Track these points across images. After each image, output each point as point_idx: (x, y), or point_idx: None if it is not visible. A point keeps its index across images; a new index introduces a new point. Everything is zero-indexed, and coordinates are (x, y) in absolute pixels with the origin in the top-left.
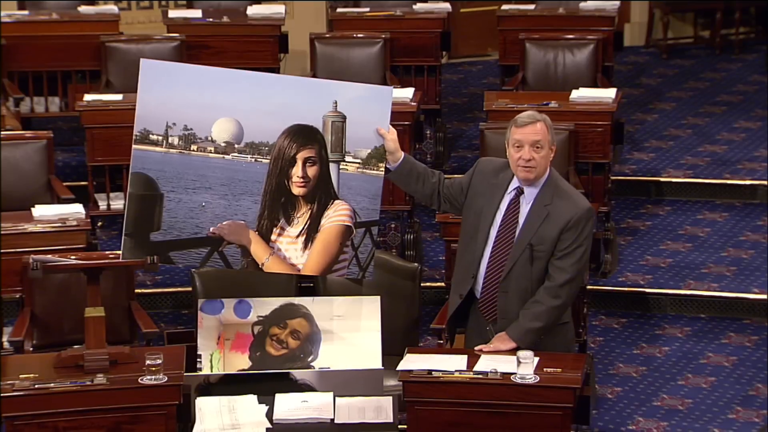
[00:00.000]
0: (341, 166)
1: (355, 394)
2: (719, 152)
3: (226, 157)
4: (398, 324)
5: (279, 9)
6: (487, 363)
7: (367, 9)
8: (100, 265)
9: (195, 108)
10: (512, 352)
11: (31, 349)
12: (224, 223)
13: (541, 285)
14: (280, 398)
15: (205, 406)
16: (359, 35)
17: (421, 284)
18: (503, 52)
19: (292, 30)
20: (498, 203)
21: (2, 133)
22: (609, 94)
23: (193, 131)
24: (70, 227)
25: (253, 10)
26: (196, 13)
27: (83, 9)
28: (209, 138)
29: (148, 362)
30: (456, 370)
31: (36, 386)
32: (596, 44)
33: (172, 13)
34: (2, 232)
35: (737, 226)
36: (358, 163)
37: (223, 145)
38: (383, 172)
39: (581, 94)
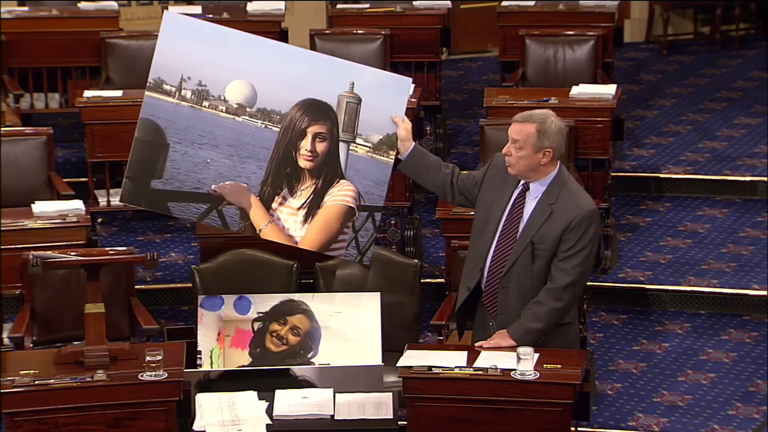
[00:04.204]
0: (351, 148)
1: (355, 391)
2: (719, 148)
3: (237, 118)
4: (398, 320)
5: (279, 5)
6: (487, 359)
7: (367, 5)
8: (100, 262)
9: (212, 66)
10: (512, 348)
11: (31, 345)
12: (227, 182)
13: (541, 283)
14: (280, 394)
15: (205, 402)
16: (359, 31)
17: (421, 281)
18: (503, 49)
19: (292, 26)
20: (508, 198)
21: (2, 129)
22: (609, 90)
23: (207, 88)
24: (70, 223)
25: (252, 6)
26: (196, 10)
27: (83, 5)
28: (222, 97)
29: (148, 358)
30: (456, 367)
31: (36, 382)
32: (596, 40)
33: (172, 10)
34: (2, 229)
35: (737, 223)
36: (369, 147)
37: (235, 106)
38: (393, 161)
39: (581, 90)
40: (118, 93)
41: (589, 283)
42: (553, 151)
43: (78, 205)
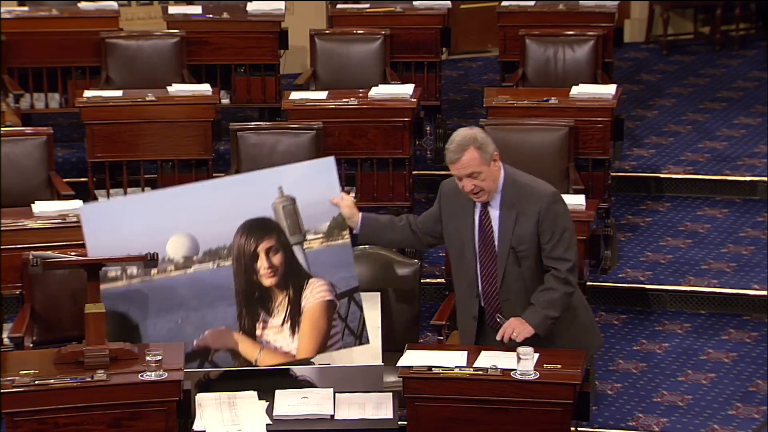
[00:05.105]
0: (305, 246)
1: (355, 390)
2: (719, 148)
3: (188, 270)
4: (398, 320)
5: (279, 5)
6: (487, 359)
7: (367, 5)
8: (100, 262)
9: (143, 236)
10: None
11: (31, 345)
12: (206, 332)
13: (535, 278)
14: (280, 394)
15: (206, 402)
16: (359, 31)
17: (421, 281)
18: (503, 49)
19: (292, 26)
20: (472, 218)
21: (2, 129)
22: (609, 90)
23: None
24: (70, 223)
25: (253, 6)
26: (196, 9)
27: (83, 5)
28: (166, 258)
29: (148, 358)
30: (456, 367)
31: (36, 382)
32: (596, 40)
33: (172, 9)
34: (2, 229)
35: (737, 223)
36: (321, 237)
37: (182, 261)
38: (349, 239)
39: (581, 90)
40: (118, 93)
41: (589, 283)
42: (497, 153)
43: (78, 205)
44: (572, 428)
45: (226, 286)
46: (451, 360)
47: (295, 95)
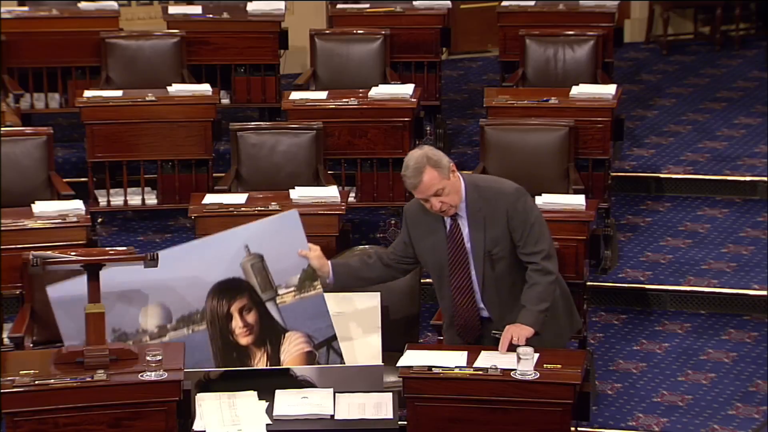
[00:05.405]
0: (278, 301)
1: (355, 391)
2: (719, 148)
3: (164, 339)
4: (398, 320)
5: (279, 5)
6: (487, 359)
7: (367, 5)
8: (100, 261)
9: (115, 316)
10: (532, 336)
11: (31, 345)
12: None
13: (514, 276)
14: (280, 394)
15: (206, 402)
16: (359, 31)
17: (421, 281)
18: (503, 49)
19: (292, 26)
20: (444, 233)
21: (2, 129)
22: (609, 90)
23: (122, 330)
24: (70, 223)
25: (253, 6)
26: (196, 9)
27: (83, 5)
28: (140, 330)
29: (148, 358)
30: (456, 367)
31: (36, 382)
32: (596, 40)
33: (172, 9)
34: (2, 229)
35: (737, 222)
36: (293, 290)
37: (156, 330)
38: (321, 290)
39: (581, 90)
40: (118, 93)
41: (589, 283)
42: (452, 164)
43: (78, 205)
44: (572, 428)
45: (203, 350)
46: (451, 360)
47: (295, 95)
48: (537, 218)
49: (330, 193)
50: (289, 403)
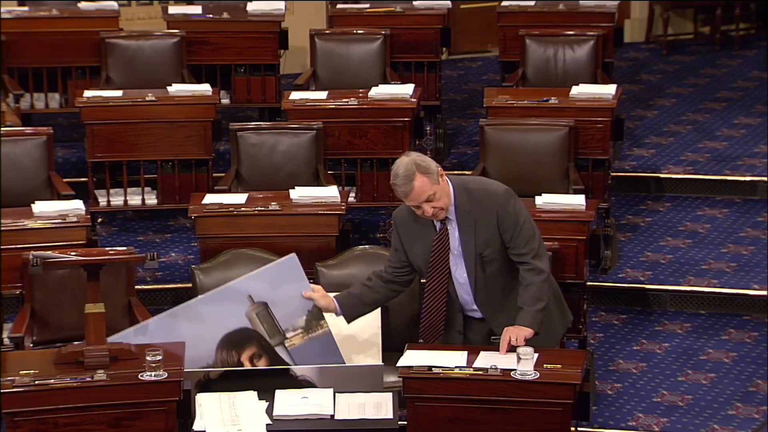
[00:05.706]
0: (287, 344)
1: (355, 391)
2: (719, 148)
3: None
4: (398, 320)
5: (279, 5)
6: (487, 359)
7: (367, 5)
8: (100, 261)
9: None
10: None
11: (31, 345)
12: None
13: (506, 277)
14: (280, 394)
15: (205, 402)
16: (359, 31)
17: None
18: (503, 49)
19: (292, 26)
20: (436, 236)
21: (2, 129)
22: (609, 90)
23: None
24: (70, 223)
25: (253, 6)
26: (196, 9)
27: (83, 5)
28: None
29: (148, 358)
30: (456, 367)
31: (36, 382)
32: (596, 40)
33: (172, 9)
34: (2, 229)
35: (737, 222)
36: (301, 332)
37: None
38: (328, 328)
39: (581, 90)
40: (118, 93)
41: (589, 283)
42: (440, 168)
43: (78, 205)
44: (572, 428)
45: None
46: (451, 360)
47: (295, 95)
48: (526, 218)
49: (330, 193)
50: (289, 403)
